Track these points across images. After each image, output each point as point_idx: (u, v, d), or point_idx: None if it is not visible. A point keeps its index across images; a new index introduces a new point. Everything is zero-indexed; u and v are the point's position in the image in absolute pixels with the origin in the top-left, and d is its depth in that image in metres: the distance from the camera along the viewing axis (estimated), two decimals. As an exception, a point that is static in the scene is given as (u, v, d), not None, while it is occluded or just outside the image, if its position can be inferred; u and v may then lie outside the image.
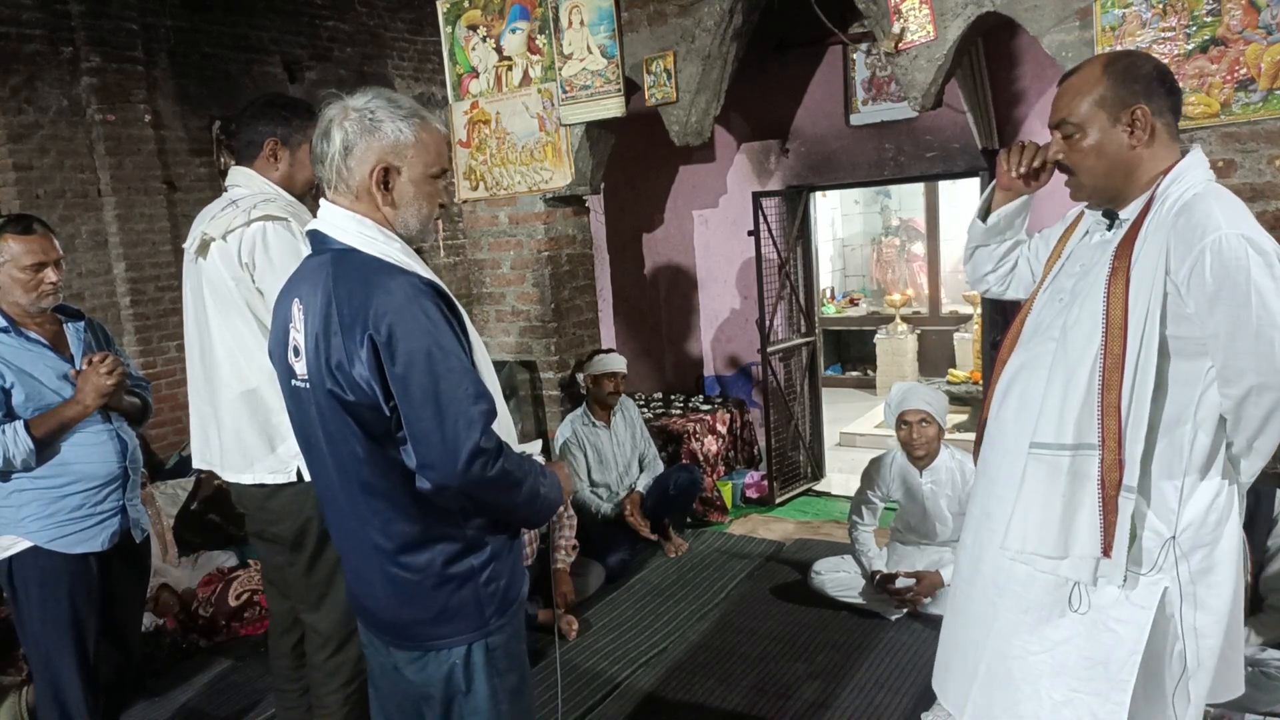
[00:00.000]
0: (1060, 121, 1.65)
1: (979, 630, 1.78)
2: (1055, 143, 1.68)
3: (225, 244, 2.09)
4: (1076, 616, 1.64)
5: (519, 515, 1.62)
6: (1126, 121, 1.59)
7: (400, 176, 1.54)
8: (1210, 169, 1.64)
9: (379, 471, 1.52)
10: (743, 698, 2.94)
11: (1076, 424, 1.59)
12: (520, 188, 4.44)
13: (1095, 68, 1.62)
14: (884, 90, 4.97)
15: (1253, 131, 2.75)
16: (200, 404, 2.29)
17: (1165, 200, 1.58)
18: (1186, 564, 1.59)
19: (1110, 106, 1.59)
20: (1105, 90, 1.59)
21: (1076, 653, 1.64)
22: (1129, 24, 2.88)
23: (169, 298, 5.33)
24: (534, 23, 4.22)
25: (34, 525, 2.32)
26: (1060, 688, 1.65)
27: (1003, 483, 1.73)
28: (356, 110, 1.52)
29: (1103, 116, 1.59)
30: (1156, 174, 1.61)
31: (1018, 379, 1.75)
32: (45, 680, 2.41)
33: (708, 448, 4.92)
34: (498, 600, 1.61)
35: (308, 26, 6.13)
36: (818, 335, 5.27)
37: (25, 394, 2.30)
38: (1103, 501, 1.57)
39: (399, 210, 1.55)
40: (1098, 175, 1.64)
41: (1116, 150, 1.60)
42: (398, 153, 1.52)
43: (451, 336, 1.47)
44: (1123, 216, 1.65)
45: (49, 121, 4.89)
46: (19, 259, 2.30)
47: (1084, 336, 1.60)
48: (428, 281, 1.49)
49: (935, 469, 3.36)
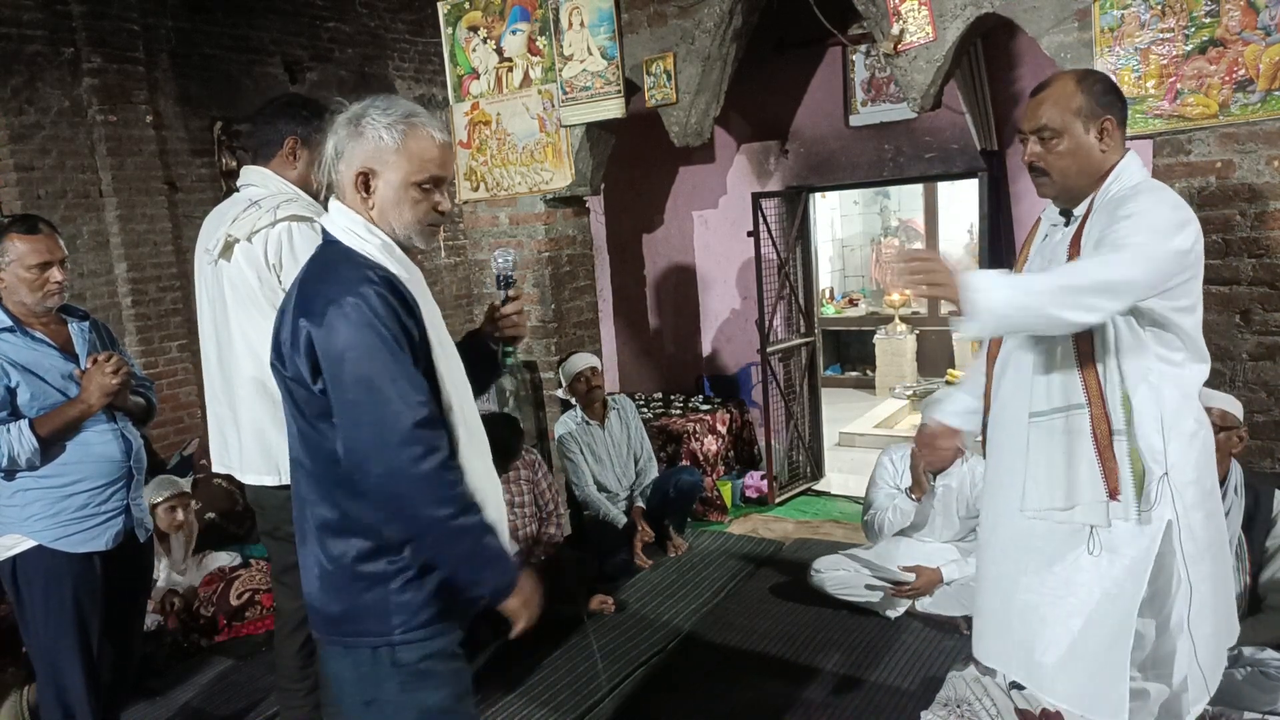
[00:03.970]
0: (1039, 127, 1.87)
1: (1007, 589, 1.98)
2: (1031, 147, 1.89)
3: (250, 245, 2.10)
4: (1094, 562, 1.85)
5: (445, 545, 1.50)
6: (1099, 130, 1.84)
7: (379, 181, 1.57)
8: (1143, 166, 1.89)
9: (309, 451, 1.57)
10: (742, 696, 2.94)
11: (1063, 388, 1.84)
12: (520, 188, 4.45)
13: (1069, 82, 1.87)
14: (883, 91, 4.98)
15: (1251, 132, 2.76)
16: (218, 408, 2.30)
17: (1107, 194, 1.85)
18: (1181, 498, 1.81)
19: (1085, 117, 1.84)
20: (1081, 102, 1.84)
21: (1097, 587, 1.85)
22: (1128, 25, 2.89)
23: (170, 298, 5.33)
24: (534, 24, 4.23)
25: (38, 524, 2.32)
26: (1082, 621, 1.87)
27: (1009, 453, 1.95)
28: (350, 117, 1.58)
29: (1078, 124, 1.84)
30: (1106, 172, 1.87)
31: (1009, 362, 1.97)
32: (48, 679, 2.42)
33: (707, 448, 4.92)
34: (411, 612, 1.55)
35: (308, 27, 6.14)
36: (817, 335, 5.28)
37: (31, 393, 2.31)
38: (1098, 451, 1.81)
39: (383, 213, 1.59)
40: (1069, 175, 1.87)
41: (1088, 153, 1.85)
42: (378, 158, 1.56)
43: (398, 332, 1.48)
44: (1076, 213, 1.90)
45: (50, 122, 4.89)
46: (24, 258, 2.31)
47: None
48: (384, 276, 1.52)
49: (949, 473, 3.37)
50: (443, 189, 1.62)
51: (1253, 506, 2.57)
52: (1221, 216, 2.81)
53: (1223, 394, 2.54)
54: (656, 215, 5.93)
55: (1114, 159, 1.87)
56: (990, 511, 2.09)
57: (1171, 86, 2.84)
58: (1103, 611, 1.85)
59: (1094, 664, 1.86)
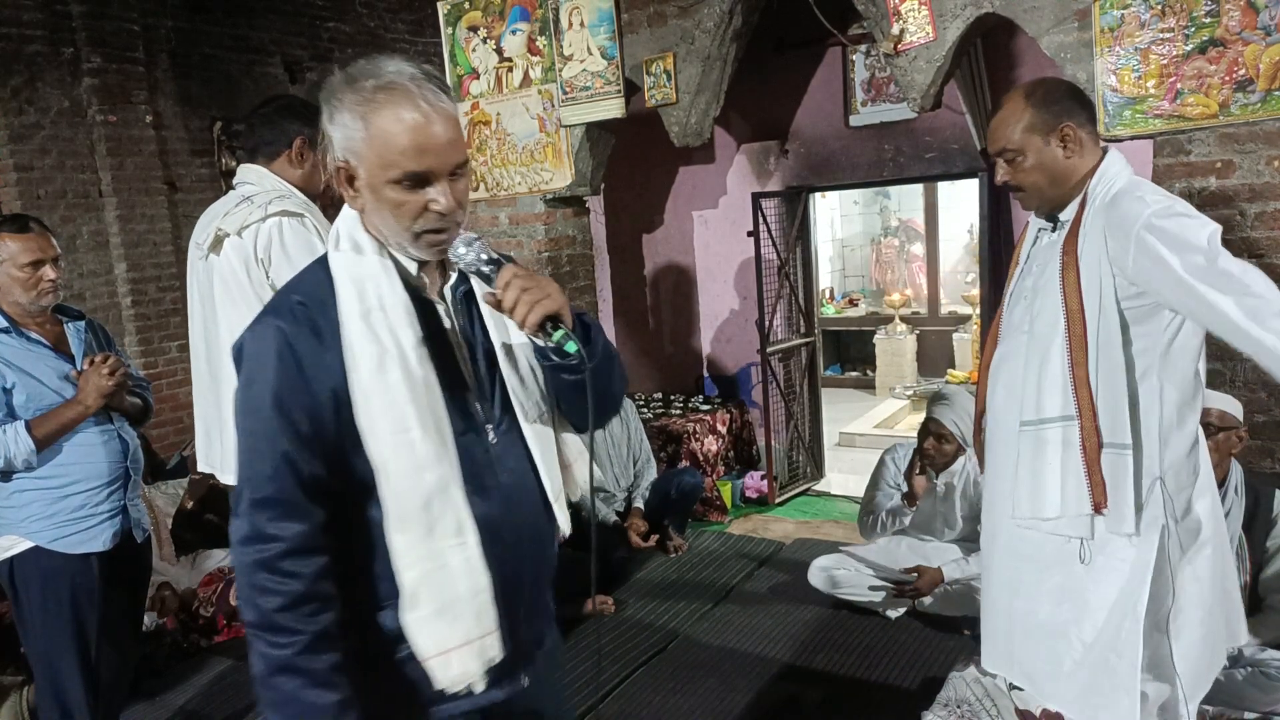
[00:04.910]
0: (1000, 150, 1.89)
1: (1006, 597, 1.99)
2: (1001, 169, 1.91)
3: (240, 240, 2.09)
4: (1086, 572, 1.85)
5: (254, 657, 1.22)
6: (1059, 138, 1.83)
7: (360, 179, 1.25)
8: (1127, 164, 1.86)
9: None
10: (743, 697, 2.94)
11: (1053, 398, 1.83)
12: (520, 189, 4.45)
13: (1018, 100, 1.88)
14: (883, 91, 4.98)
15: (1251, 132, 2.75)
16: (205, 406, 2.29)
17: (1095, 198, 1.82)
18: (1174, 504, 1.80)
19: (1040, 130, 1.84)
20: (1031, 117, 1.84)
21: (1095, 596, 1.85)
22: (1127, 25, 2.88)
23: (170, 298, 5.33)
24: (534, 24, 4.23)
25: (35, 525, 2.32)
26: (1086, 629, 1.86)
27: (1004, 460, 1.96)
28: (327, 90, 1.26)
29: (1035, 139, 1.84)
30: (1085, 176, 1.85)
31: (1001, 370, 1.99)
32: (46, 680, 2.42)
33: (707, 448, 4.92)
34: None
35: (308, 27, 6.14)
36: (817, 335, 5.28)
37: (26, 394, 2.31)
38: (1085, 464, 1.79)
39: (369, 217, 1.29)
40: (1042, 187, 1.88)
41: (1053, 163, 1.85)
42: (350, 148, 1.24)
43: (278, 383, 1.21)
44: (1062, 219, 1.89)
45: (50, 122, 4.89)
46: (16, 257, 2.31)
47: (1049, 324, 1.84)
48: (298, 303, 1.25)
49: (951, 471, 3.37)
50: (441, 182, 1.23)
51: (1253, 506, 2.56)
52: (1221, 217, 2.80)
53: (1222, 394, 2.53)
54: (656, 215, 5.92)
55: (1088, 162, 1.85)
56: (989, 519, 2.09)
57: (1171, 86, 2.84)
58: (1105, 620, 1.84)
59: (1100, 673, 1.85)
